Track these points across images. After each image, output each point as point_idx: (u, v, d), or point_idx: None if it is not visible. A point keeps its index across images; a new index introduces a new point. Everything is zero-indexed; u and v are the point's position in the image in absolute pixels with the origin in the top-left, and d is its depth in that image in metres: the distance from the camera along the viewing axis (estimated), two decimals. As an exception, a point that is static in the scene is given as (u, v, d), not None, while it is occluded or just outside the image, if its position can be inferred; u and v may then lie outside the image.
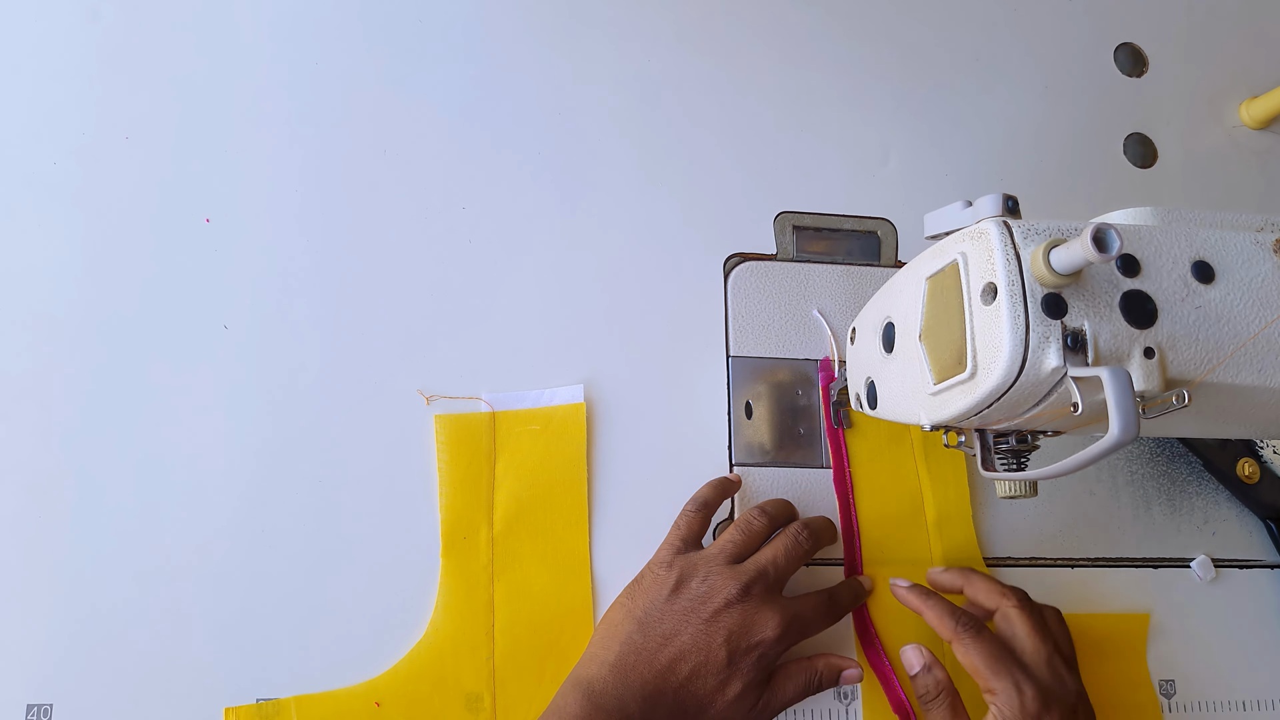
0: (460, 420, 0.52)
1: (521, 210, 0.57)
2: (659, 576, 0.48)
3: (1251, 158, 0.67)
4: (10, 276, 0.51)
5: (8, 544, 0.47)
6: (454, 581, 0.50)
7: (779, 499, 0.52)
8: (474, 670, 0.49)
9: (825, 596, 0.50)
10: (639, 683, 0.45)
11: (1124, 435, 0.32)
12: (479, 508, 0.51)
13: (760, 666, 0.46)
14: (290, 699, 0.47)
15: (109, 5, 0.55)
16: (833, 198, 0.60)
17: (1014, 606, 0.48)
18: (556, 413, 0.53)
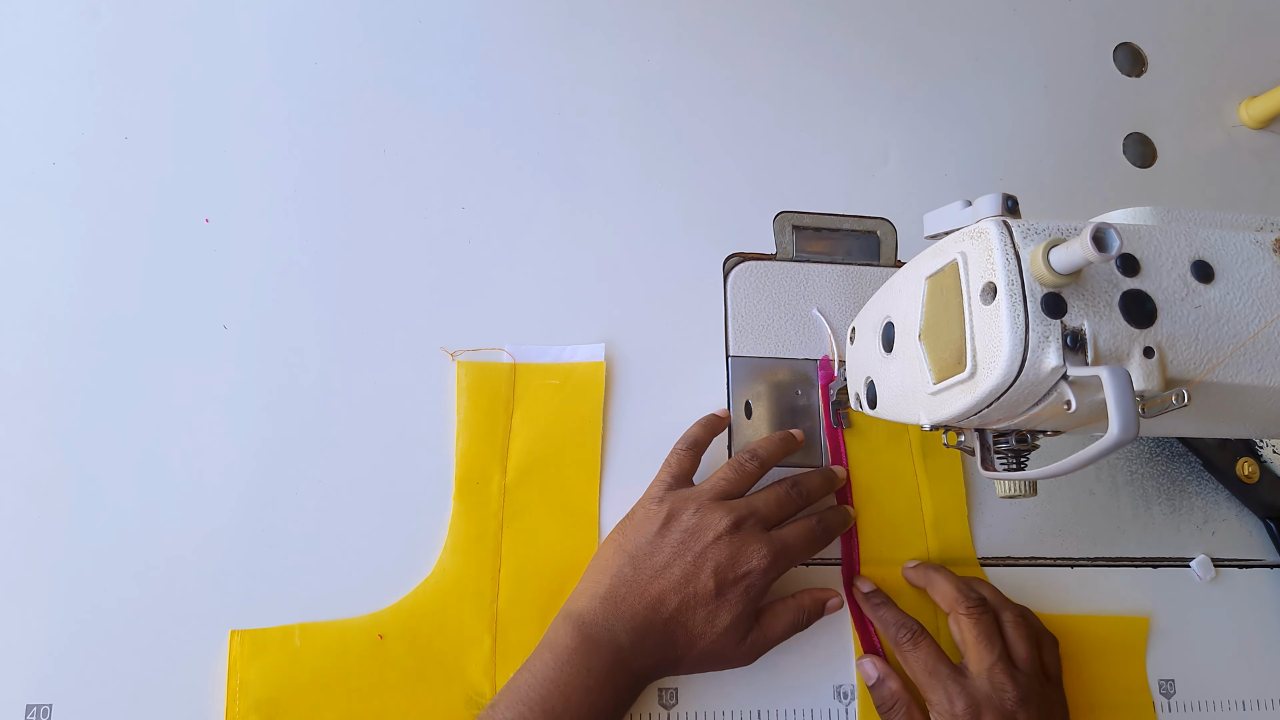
0: (482, 368, 0.53)
1: (521, 210, 0.57)
2: (650, 511, 0.48)
3: (1251, 157, 0.67)
4: (10, 276, 0.51)
5: (8, 544, 0.47)
6: (464, 525, 0.51)
7: (772, 440, 0.52)
8: (477, 612, 0.49)
9: (813, 523, 0.50)
10: (629, 614, 0.46)
11: (1123, 435, 0.32)
12: (494, 455, 0.52)
13: (748, 598, 0.47)
14: (295, 625, 0.48)
15: (109, 5, 0.55)
16: (832, 198, 0.60)
17: (964, 614, 0.49)
18: (576, 369, 0.54)
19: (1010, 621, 0.50)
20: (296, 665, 0.47)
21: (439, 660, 0.48)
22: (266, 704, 0.46)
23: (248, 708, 0.46)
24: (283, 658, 0.47)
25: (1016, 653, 0.48)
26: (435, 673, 0.48)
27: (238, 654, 0.47)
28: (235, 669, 0.47)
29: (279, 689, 0.47)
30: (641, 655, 0.46)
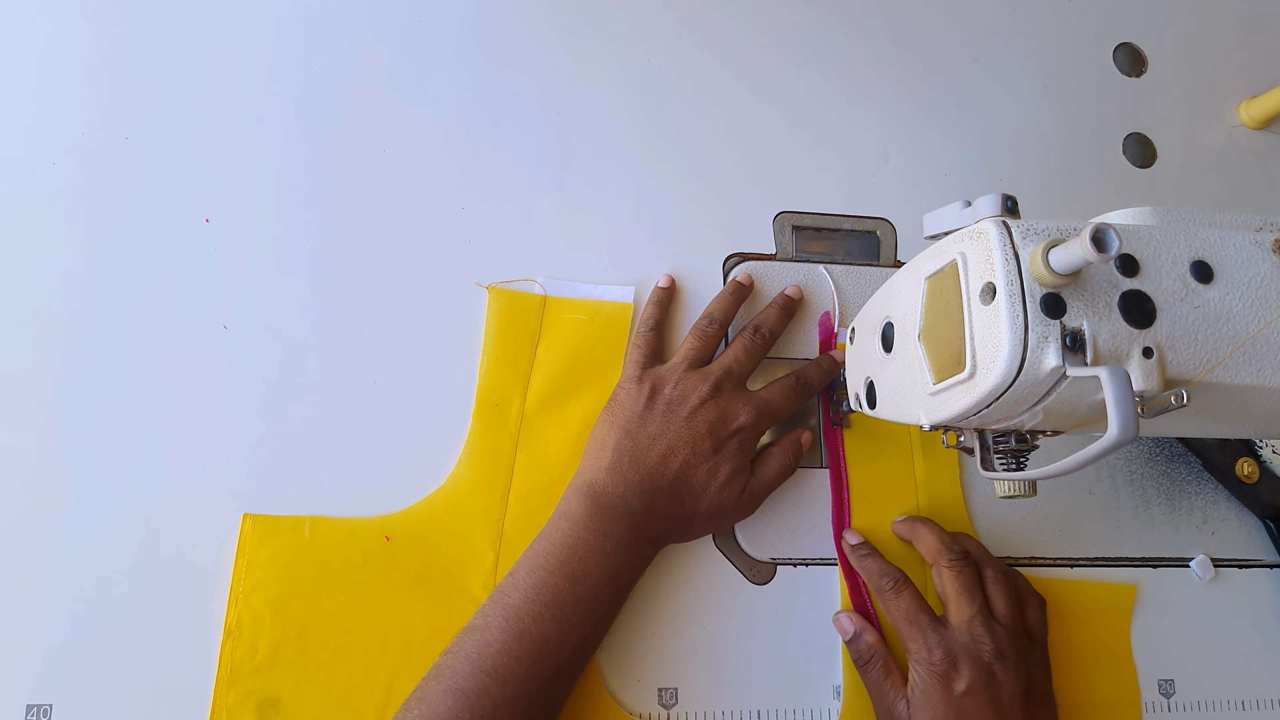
0: (512, 296, 0.54)
1: (521, 210, 0.57)
2: (631, 391, 0.51)
3: (1251, 157, 0.67)
4: (10, 276, 0.51)
5: (7, 544, 0.47)
6: (480, 442, 0.52)
7: (722, 297, 0.55)
8: (484, 528, 0.51)
9: (792, 380, 0.53)
10: (636, 479, 0.48)
11: (1123, 435, 0.32)
12: (516, 380, 0.53)
13: (743, 450, 0.50)
14: (306, 517, 0.49)
15: (109, 5, 0.55)
16: (832, 198, 0.60)
17: (946, 566, 0.50)
18: (604, 308, 0.55)
19: (992, 577, 0.51)
20: (304, 555, 0.49)
21: (442, 568, 0.50)
22: (270, 586, 0.48)
23: (251, 588, 0.48)
24: (291, 545, 0.49)
25: (997, 608, 0.49)
26: (438, 579, 0.50)
27: (248, 536, 0.48)
28: (244, 550, 0.48)
29: (284, 574, 0.48)
30: (653, 518, 0.48)
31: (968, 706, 0.46)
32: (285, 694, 0.47)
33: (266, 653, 0.47)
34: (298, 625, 0.48)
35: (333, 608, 0.48)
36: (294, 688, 0.47)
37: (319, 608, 0.48)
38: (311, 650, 0.48)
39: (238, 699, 0.46)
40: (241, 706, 0.46)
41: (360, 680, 0.48)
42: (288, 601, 0.48)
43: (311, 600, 0.48)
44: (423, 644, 0.48)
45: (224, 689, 0.46)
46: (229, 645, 0.47)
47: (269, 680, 0.47)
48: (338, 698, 0.47)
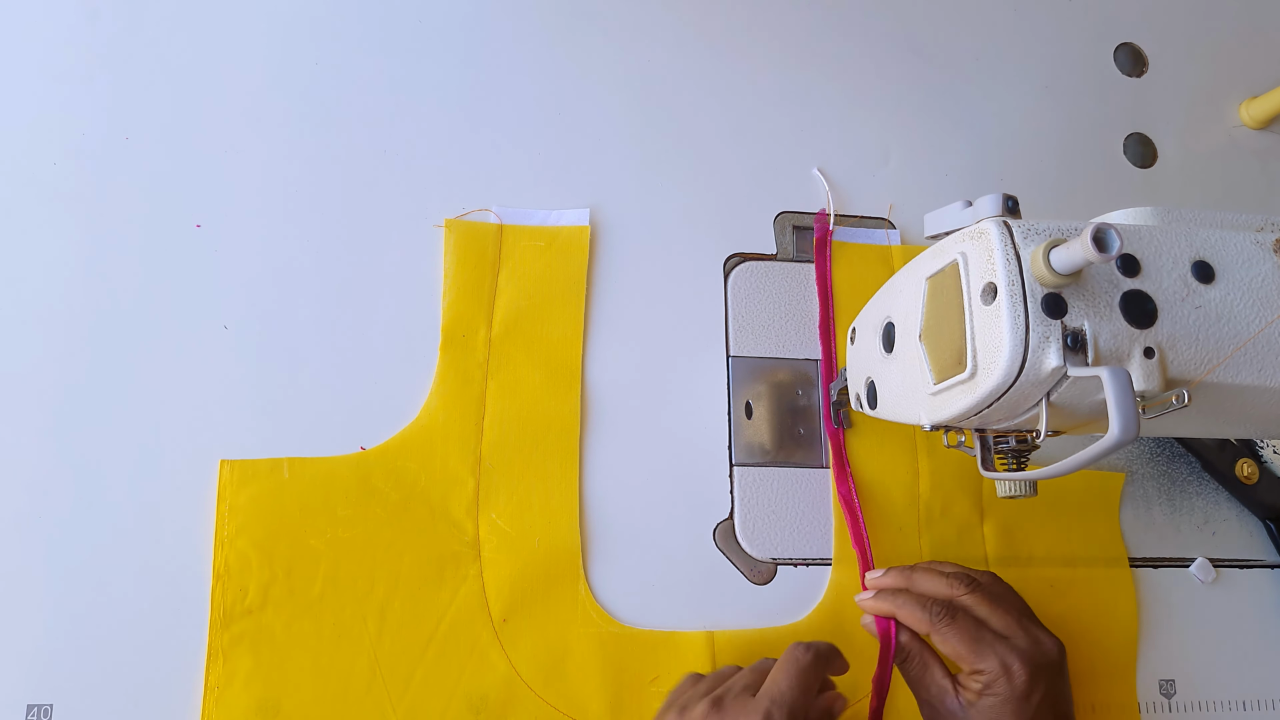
0: (469, 227, 0.55)
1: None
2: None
3: (1251, 158, 0.67)
4: (11, 276, 0.51)
5: (7, 544, 0.47)
6: (449, 373, 0.52)
7: None
8: (461, 456, 0.51)
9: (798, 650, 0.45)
10: None
11: (1124, 435, 0.32)
12: (479, 310, 0.54)
13: None
14: (284, 459, 0.50)
15: (109, 6, 0.55)
16: (833, 198, 0.60)
17: (964, 594, 0.47)
18: (561, 233, 0.56)
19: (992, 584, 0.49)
20: (285, 496, 0.49)
21: (424, 497, 0.50)
22: (254, 528, 0.48)
23: (235, 531, 0.48)
24: (271, 487, 0.49)
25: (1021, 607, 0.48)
26: (420, 509, 0.50)
27: (227, 481, 0.49)
28: (224, 495, 0.49)
29: (267, 516, 0.49)
30: None
31: (1042, 712, 0.44)
32: (277, 633, 0.47)
33: (256, 593, 0.48)
34: (285, 564, 0.48)
35: (318, 544, 0.49)
36: (286, 625, 0.48)
37: (304, 545, 0.49)
38: (301, 587, 0.48)
39: (232, 640, 0.47)
40: (236, 648, 0.47)
41: (352, 612, 0.48)
42: (272, 542, 0.48)
43: (296, 539, 0.49)
44: (410, 572, 0.49)
45: (218, 631, 0.47)
46: (219, 589, 0.47)
47: (261, 620, 0.47)
48: (330, 631, 0.48)
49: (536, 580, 0.50)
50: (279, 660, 0.47)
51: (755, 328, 0.57)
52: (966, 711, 0.45)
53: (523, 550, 0.51)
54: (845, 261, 0.58)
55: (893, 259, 0.59)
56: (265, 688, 0.47)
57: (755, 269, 0.58)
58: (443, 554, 0.50)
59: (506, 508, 0.51)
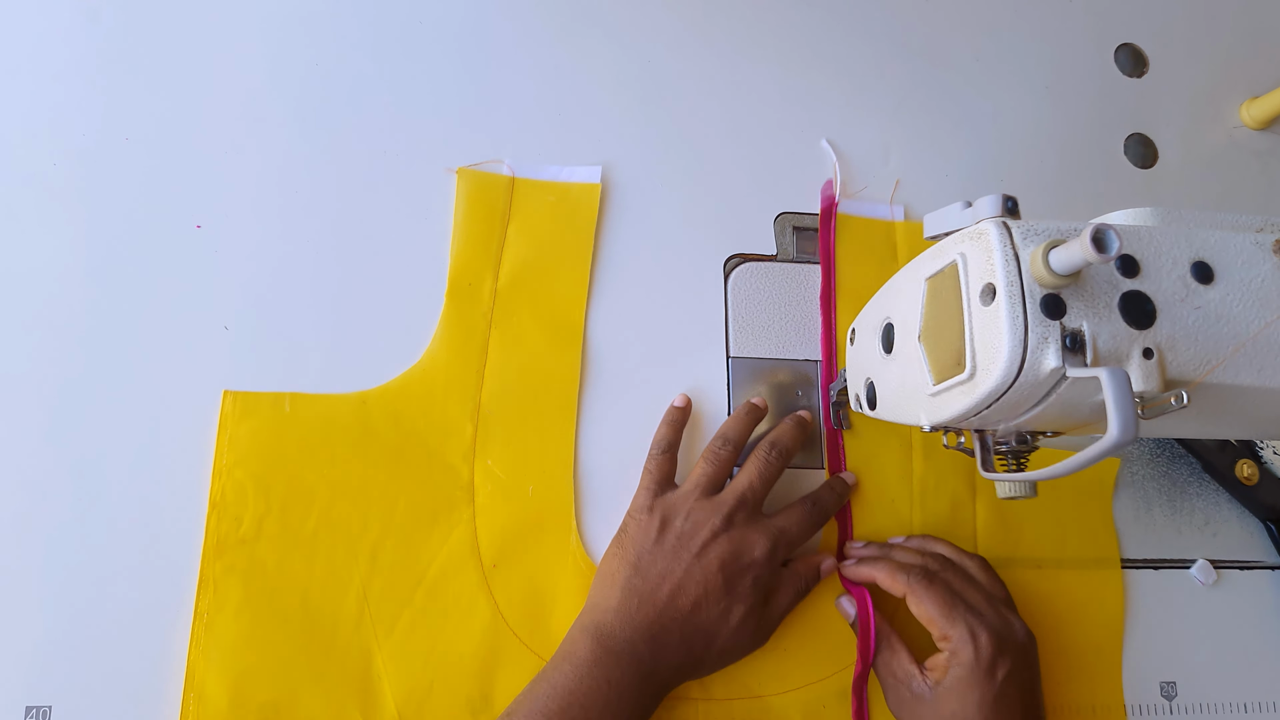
0: (481, 177, 0.56)
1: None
2: (642, 522, 0.49)
3: (1252, 158, 0.67)
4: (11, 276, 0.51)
5: (7, 544, 0.47)
6: (453, 321, 0.53)
7: (737, 417, 0.53)
8: (460, 402, 0.52)
9: (808, 505, 0.51)
10: (644, 623, 0.46)
11: (1123, 436, 0.32)
12: (487, 261, 0.54)
13: (757, 588, 0.47)
14: (285, 394, 0.50)
15: (109, 7, 0.55)
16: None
17: (940, 569, 0.49)
18: (572, 189, 0.56)
19: (979, 568, 0.51)
20: (284, 430, 0.50)
21: (421, 440, 0.51)
22: (253, 460, 0.49)
23: (234, 462, 0.49)
24: (272, 421, 0.50)
25: (998, 593, 0.49)
26: (417, 451, 0.51)
27: (229, 412, 0.50)
28: (225, 425, 0.49)
29: (266, 449, 0.49)
30: (662, 664, 0.46)
31: (1008, 690, 0.45)
32: (269, 566, 0.48)
33: (251, 525, 0.48)
34: (281, 498, 0.49)
35: (314, 480, 0.49)
36: (279, 558, 0.48)
37: (301, 480, 0.49)
38: (295, 522, 0.49)
39: (224, 569, 0.47)
40: (228, 577, 0.47)
41: (344, 550, 0.49)
42: (270, 475, 0.49)
43: (293, 474, 0.49)
44: (404, 516, 0.50)
45: (211, 560, 0.47)
46: (214, 517, 0.48)
47: (254, 551, 0.48)
48: (322, 567, 0.48)
49: (528, 528, 0.51)
50: (269, 592, 0.47)
51: (755, 328, 0.57)
52: (933, 692, 0.46)
53: (516, 498, 0.51)
54: (849, 234, 0.59)
55: (895, 235, 0.59)
56: (254, 618, 0.47)
57: (755, 269, 0.58)
58: (437, 497, 0.50)
59: (502, 456, 0.52)
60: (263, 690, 0.46)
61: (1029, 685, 0.46)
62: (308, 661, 0.47)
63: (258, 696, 0.46)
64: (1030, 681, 0.46)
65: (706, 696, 0.50)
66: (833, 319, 0.57)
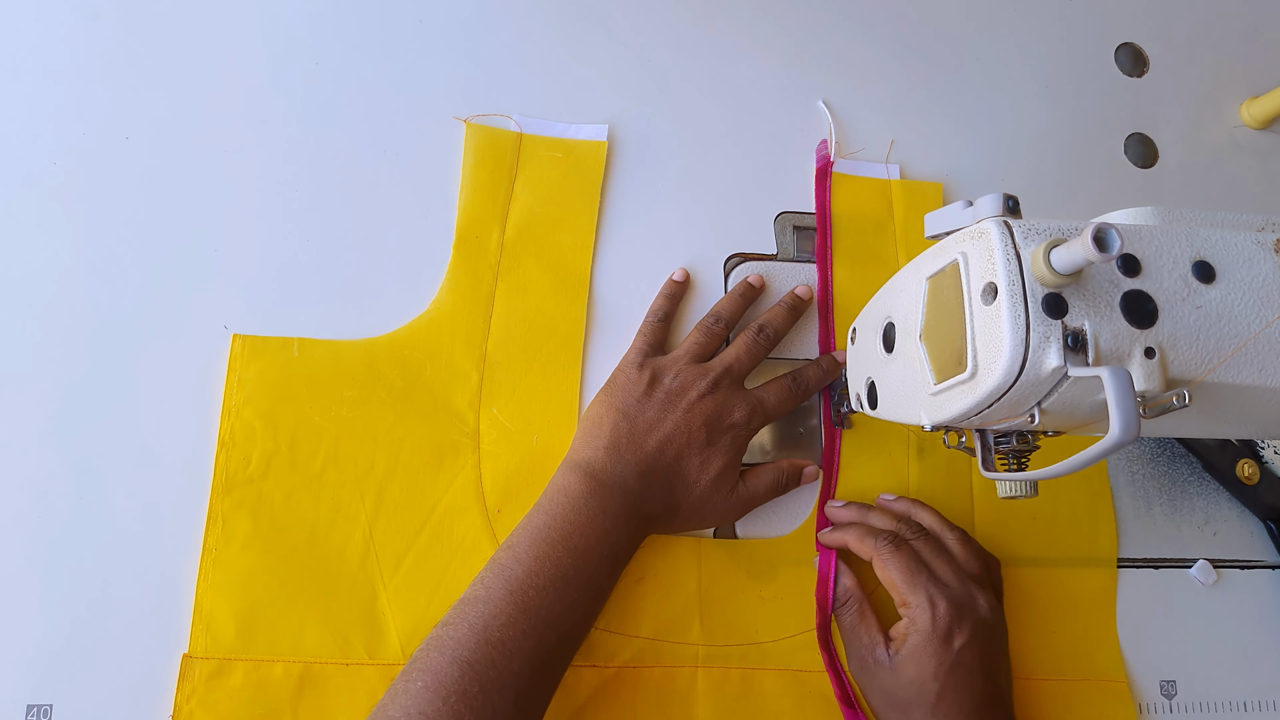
0: (489, 132, 0.56)
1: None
2: (631, 376, 0.51)
3: (1252, 158, 0.67)
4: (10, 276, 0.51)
5: (7, 543, 0.47)
6: (461, 270, 0.54)
7: (731, 297, 0.55)
8: (467, 350, 0.53)
9: (789, 380, 0.53)
10: (633, 461, 0.48)
11: (1124, 435, 0.32)
12: (494, 213, 0.55)
13: (735, 447, 0.50)
14: (294, 339, 0.51)
15: (110, 6, 0.55)
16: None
17: (913, 536, 0.50)
18: (579, 146, 0.57)
19: (957, 540, 0.51)
20: (292, 372, 0.51)
21: (428, 386, 0.52)
22: (261, 400, 0.50)
23: (243, 401, 0.50)
24: (280, 363, 0.51)
25: (969, 568, 0.50)
26: (423, 396, 0.52)
27: (238, 354, 0.50)
28: (234, 366, 0.50)
29: (274, 390, 0.50)
30: (648, 500, 0.48)
31: (965, 659, 0.46)
32: (276, 502, 0.49)
33: (259, 462, 0.49)
34: (289, 437, 0.50)
35: (322, 421, 0.50)
36: (286, 495, 0.49)
37: (309, 420, 0.50)
38: (302, 460, 0.50)
39: (232, 506, 0.48)
40: (236, 513, 0.48)
41: (351, 490, 0.50)
42: (278, 414, 0.50)
43: (301, 414, 0.50)
44: (410, 458, 0.51)
45: (219, 496, 0.48)
46: (223, 455, 0.49)
47: (262, 488, 0.49)
48: (328, 506, 0.49)
49: (533, 475, 0.51)
50: (276, 529, 0.48)
51: (755, 328, 0.57)
52: (893, 659, 0.47)
53: (521, 445, 0.52)
54: (844, 192, 0.60)
55: (891, 193, 0.60)
56: (261, 552, 0.48)
57: (755, 269, 0.58)
58: (443, 442, 0.51)
59: (508, 404, 0.52)
60: (269, 623, 0.47)
61: (989, 658, 0.47)
62: (314, 596, 0.48)
63: (264, 629, 0.47)
64: (991, 655, 0.47)
65: (709, 642, 0.50)
66: (829, 274, 0.58)
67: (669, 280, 0.56)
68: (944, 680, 0.45)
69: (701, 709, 0.49)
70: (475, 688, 0.40)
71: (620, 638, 0.50)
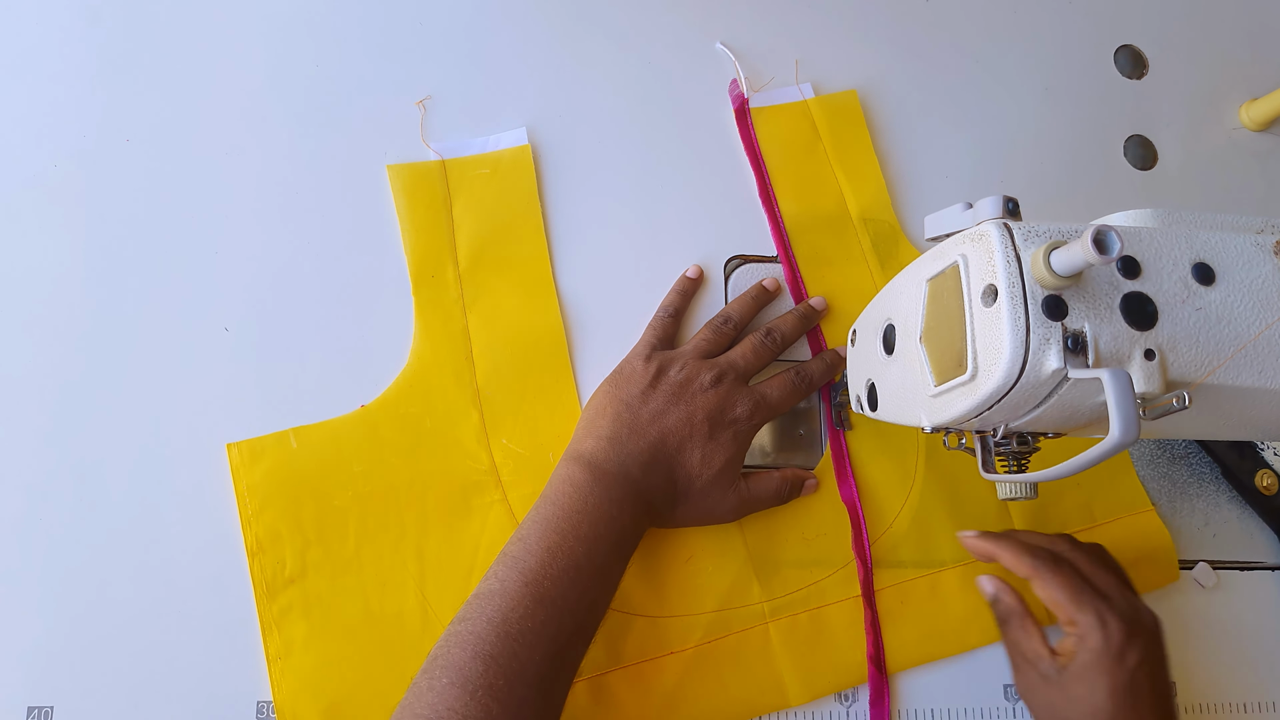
0: (411, 169, 0.55)
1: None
2: (638, 368, 0.51)
3: (1252, 159, 0.67)
4: (11, 277, 0.51)
5: (7, 544, 0.47)
6: (428, 313, 0.53)
7: (744, 300, 0.56)
8: (459, 390, 0.53)
9: (793, 375, 0.53)
10: (635, 451, 0.48)
11: (1124, 437, 0.32)
12: (442, 247, 0.54)
13: (737, 442, 0.51)
14: (289, 430, 0.51)
15: (110, 8, 0.55)
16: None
17: (1068, 550, 0.48)
18: (504, 156, 0.56)
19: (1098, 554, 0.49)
20: (298, 464, 0.50)
21: (432, 435, 0.52)
22: (276, 502, 0.49)
23: (258, 509, 0.49)
24: (282, 459, 0.50)
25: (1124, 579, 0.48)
26: (433, 448, 0.51)
27: (238, 463, 0.50)
28: (239, 476, 0.50)
29: (285, 487, 0.50)
30: (650, 488, 0.48)
31: (1139, 679, 0.44)
32: (324, 593, 0.48)
33: (294, 562, 0.49)
34: (315, 529, 0.49)
35: (341, 502, 0.50)
36: (330, 584, 0.49)
37: (329, 506, 0.50)
38: (335, 547, 0.49)
39: (281, 611, 0.48)
40: (288, 617, 0.48)
41: (390, 560, 0.50)
42: (297, 510, 0.49)
43: (319, 502, 0.50)
44: (437, 509, 0.51)
45: (265, 605, 0.48)
46: (256, 565, 0.49)
47: (305, 586, 0.49)
48: (374, 582, 0.49)
49: None
50: (331, 619, 0.48)
51: (756, 329, 0.57)
52: (1061, 675, 0.45)
53: (539, 467, 0.52)
54: (766, 126, 0.60)
55: (811, 113, 0.60)
56: (324, 646, 0.48)
57: (755, 270, 0.58)
58: (464, 485, 0.51)
59: (515, 430, 0.52)
60: (356, 712, 0.47)
61: (1160, 672, 0.46)
62: (388, 672, 0.48)
63: (353, 716, 0.47)
64: (1161, 668, 0.46)
65: (770, 597, 0.52)
66: (777, 212, 0.58)
67: (682, 276, 0.56)
68: (1119, 700, 0.44)
69: (781, 660, 0.51)
70: (500, 680, 0.40)
71: (688, 619, 0.51)
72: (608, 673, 0.50)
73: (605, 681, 0.49)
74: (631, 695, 0.49)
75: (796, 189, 0.59)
